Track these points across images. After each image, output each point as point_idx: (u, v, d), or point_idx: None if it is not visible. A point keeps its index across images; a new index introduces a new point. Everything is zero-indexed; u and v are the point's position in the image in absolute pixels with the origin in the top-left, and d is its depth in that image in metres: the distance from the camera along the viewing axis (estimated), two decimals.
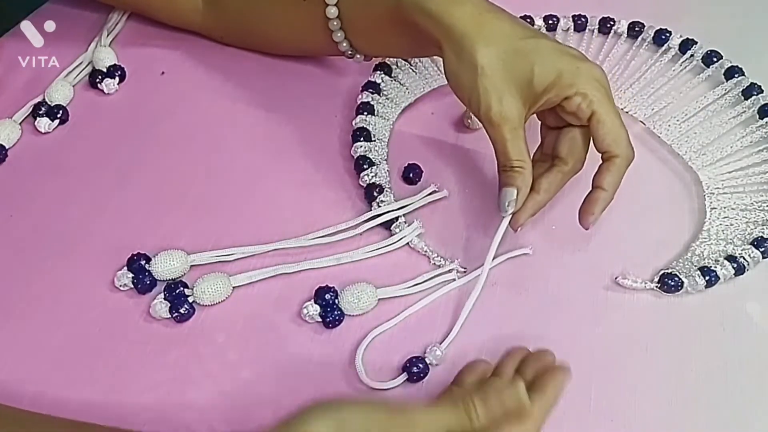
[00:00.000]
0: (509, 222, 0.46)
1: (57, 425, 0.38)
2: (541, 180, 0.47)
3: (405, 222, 0.51)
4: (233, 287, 0.47)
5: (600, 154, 0.46)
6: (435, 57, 0.59)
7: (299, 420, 0.35)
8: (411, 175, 0.53)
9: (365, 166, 0.53)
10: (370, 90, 0.57)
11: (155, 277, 0.47)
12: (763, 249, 0.49)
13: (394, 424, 0.35)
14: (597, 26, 0.63)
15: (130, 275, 0.47)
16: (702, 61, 0.61)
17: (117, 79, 0.59)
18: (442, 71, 0.47)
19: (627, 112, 0.58)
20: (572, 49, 0.46)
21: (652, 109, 0.58)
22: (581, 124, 0.46)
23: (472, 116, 0.56)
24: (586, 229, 0.46)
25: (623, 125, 0.46)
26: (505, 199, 0.45)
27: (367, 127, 0.55)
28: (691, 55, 0.61)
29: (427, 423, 0.36)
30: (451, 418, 0.37)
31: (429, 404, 0.39)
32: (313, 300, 0.47)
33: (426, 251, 0.50)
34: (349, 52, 0.54)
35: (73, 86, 0.59)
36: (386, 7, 0.48)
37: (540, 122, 0.50)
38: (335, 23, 0.52)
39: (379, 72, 0.58)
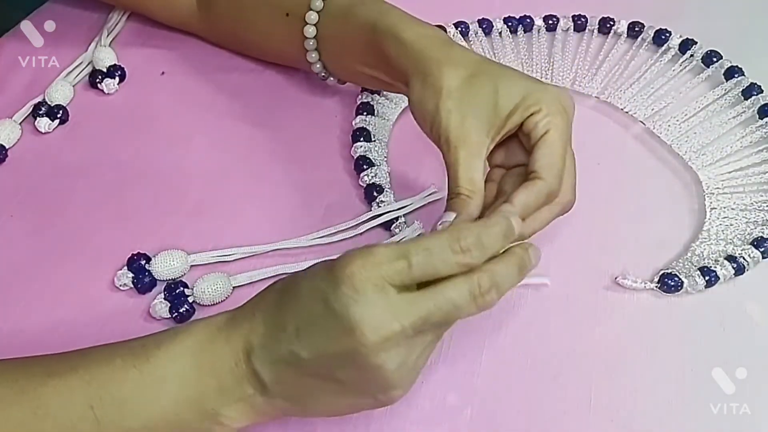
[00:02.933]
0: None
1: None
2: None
3: (405, 222, 0.51)
4: (233, 287, 0.47)
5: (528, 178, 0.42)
6: None
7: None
8: None
9: (365, 167, 0.53)
10: (370, 90, 0.57)
11: (155, 277, 0.47)
12: (763, 249, 0.49)
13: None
14: (597, 26, 0.63)
15: (130, 275, 0.47)
16: (702, 61, 0.61)
17: (117, 79, 0.59)
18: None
19: (627, 112, 0.58)
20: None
21: (652, 109, 0.58)
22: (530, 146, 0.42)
23: None
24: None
25: (572, 167, 0.43)
26: (439, 221, 0.41)
27: (367, 127, 0.55)
28: (691, 55, 0.61)
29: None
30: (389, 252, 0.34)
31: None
32: None
33: None
34: (323, 74, 0.55)
35: (73, 86, 0.59)
36: (362, 32, 0.48)
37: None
38: (311, 43, 0.52)
39: None
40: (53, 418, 0.35)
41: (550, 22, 0.64)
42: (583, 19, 0.64)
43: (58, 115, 0.56)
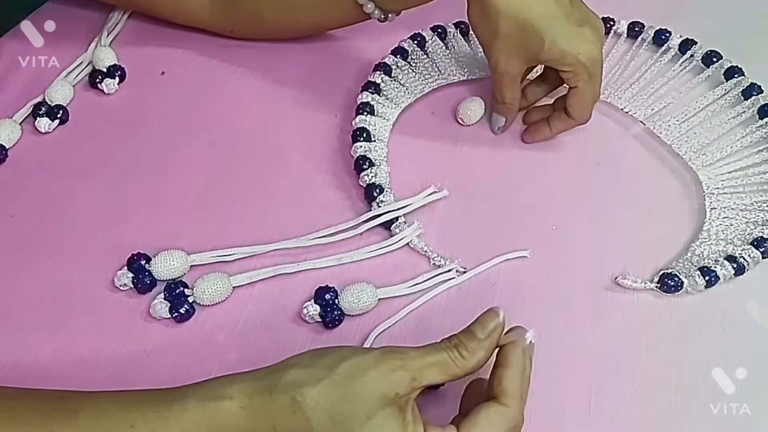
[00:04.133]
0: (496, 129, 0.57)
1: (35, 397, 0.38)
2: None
3: (405, 222, 0.51)
4: (233, 287, 0.47)
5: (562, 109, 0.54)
6: (437, 53, 0.59)
7: (289, 364, 0.37)
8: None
9: (365, 166, 0.53)
10: (370, 90, 0.57)
11: (155, 277, 0.47)
12: (763, 249, 0.49)
13: (386, 359, 0.36)
14: None
15: (130, 275, 0.47)
16: (702, 61, 0.61)
17: (117, 79, 0.59)
18: (442, 71, 0.46)
19: (627, 112, 0.58)
20: (584, 18, 0.52)
21: (652, 109, 0.58)
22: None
23: (466, 113, 0.57)
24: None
25: (593, 100, 0.53)
26: (496, 123, 0.57)
27: (367, 127, 0.55)
28: (691, 55, 0.61)
29: (417, 359, 0.37)
30: (444, 358, 0.37)
31: (417, 347, 0.38)
32: (313, 300, 0.47)
33: (426, 251, 0.50)
34: (375, 12, 0.54)
35: (73, 86, 0.59)
36: None
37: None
38: None
39: (379, 72, 0.58)
40: None
41: None
42: None
43: (58, 115, 0.56)
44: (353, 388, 0.35)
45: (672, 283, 0.47)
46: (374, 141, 0.55)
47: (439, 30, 0.61)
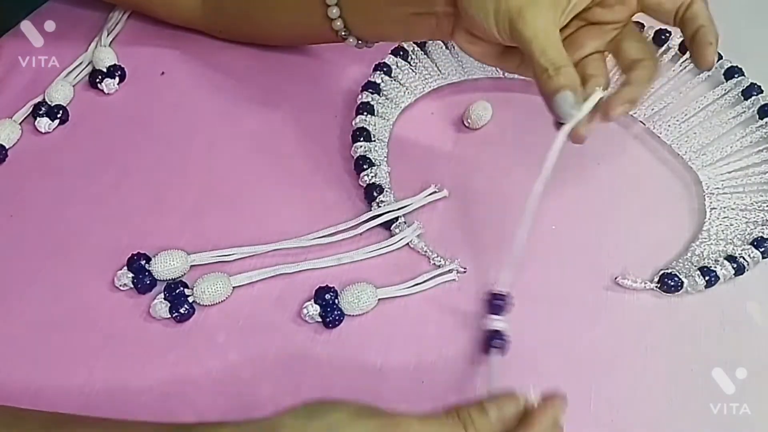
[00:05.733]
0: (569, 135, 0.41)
1: (55, 420, 0.38)
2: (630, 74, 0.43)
3: (405, 222, 0.51)
4: (233, 287, 0.47)
5: (678, 21, 0.45)
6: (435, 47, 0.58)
7: (289, 416, 0.34)
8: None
9: (365, 166, 0.53)
10: (370, 90, 0.57)
11: (155, 277, 0.47)
12: (763, 249, 0.49)
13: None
14: None
15: (130, 275, 0.47)
16: None
17: (117, 79, 0.59)
18: (442, 71, 0.45)
19: (627, 112, 0.58)
20: None
21: (652, 109, 0.58)
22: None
23: (472, 116, 0.56)
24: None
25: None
26: (563, 105, 0.39)
27: (367, 127, 0.55)
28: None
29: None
30: (445, 429, 0.35)
31: (423, 414, 0.36)
32: (313, 300, 0.47)
33: (426, 251, 0.50)
34: (343, 33, 0.52)
35: (73, 86, 0.59)
36: None
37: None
38: None
39: (379, 72, 0.58)
40: None
41: None
42: None
43: (58, 115, 0.56)
44: None
45: (672, 283, 0.47)
46: (374, 141, 0.55)
47: None
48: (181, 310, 0.46)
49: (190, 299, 0.46)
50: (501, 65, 0.48)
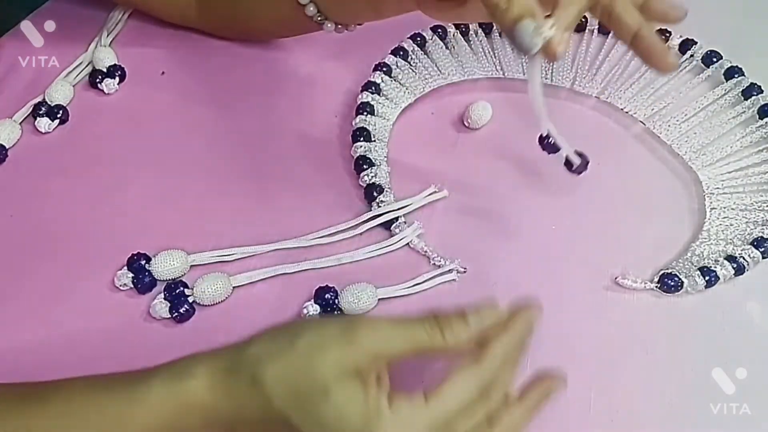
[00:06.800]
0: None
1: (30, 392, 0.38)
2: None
3: (405, 222, 0.51)
4: (233, 287, 0.47)
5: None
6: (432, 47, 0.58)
7: (251, 342, 0.36)
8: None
9: (365, 166, 0.53)
10: (370, 90, 0.57)
11: (155, 277, 0.47)
12: (763, 249, 0.49)
13: (350, 331, 0.34)
14: (597, 26, 0.63)
15: (130, 275, 0.47)
16: (702, 61, 0.61)
17: (117, 79, 0.59)
18: (442, 71, 0.43)
19: (627, 112, 0.58)
20: None
21: (652, 109, 0.58)
22: None
23: (472, 116, 0.56)
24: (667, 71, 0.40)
25: None
26: (524, 36, 0.36)
27: (367, 127, 0.55)
28: (691, 55, 0.61)
29: (386, 331, 0.35)
30: (419, 332, 0.35)
31: (395, 316, 0.36)
32: (313, 300, 0.47)
33: (426, 251, 0.50)
34: (318, 18, 0.52)
35: (73, 86, 0.59)
36: None
37: None
38: None
39: (379, 72, 0.58)
40: None
41: None
42: (583, 19, 0.64)
43: (58, 115, 0.56)
44: (312, 363, 0.34)
45: (672, 283, 0.47)
46: (374, 141, 0.55)
47: (439, 30, 0.61)
48: (181, 310, 0.46)
49: (190, 299, 0.46)
50: (473, 18, 0.46)
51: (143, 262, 0.48)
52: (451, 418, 0.34)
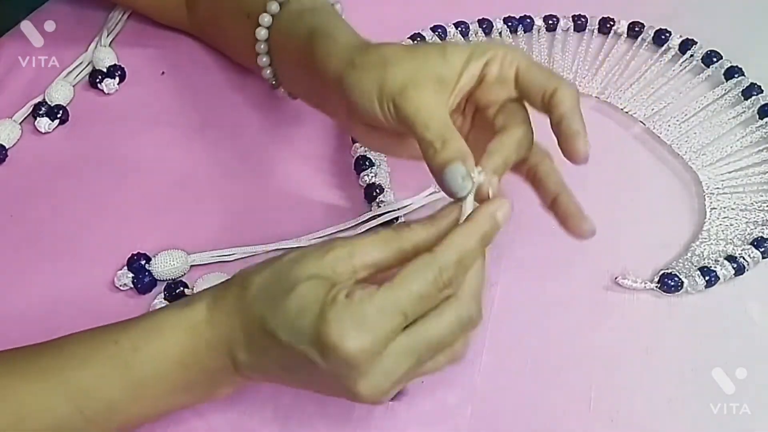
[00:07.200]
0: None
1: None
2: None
3: (405, 222, 0.51)
4: None
5: (544, 107, 0.40)
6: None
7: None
8: None
9: (365, 166, 0.53)
10: None
11: (155, 277, 0.47)
12: (763, 249, 0.49)
13: (329, 247, 0.36)
14: (597, 26, 0.63)
15: (130, 275, 0.47)
16: (702, 61, 0.61)
17: (117, 79, 0.59)
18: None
19: (627, 112, 0.58)
20: None
21: (652, 109, 0.58)
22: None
23: None
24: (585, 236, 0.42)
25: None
26: (455, 178, 0.37)
27: None
28: (691, 55, 0.61)
29: (359, 238, 0.37)
30: (382, 234, 0.37)
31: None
32: None
33: None
34: (273, 82, 0.52)
35: (73, 86, 0.59)
36: (304, 36, 0.46)
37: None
38: (262, 46, 0.50)
39: None
40: (38, 420, 0.36)
41: (550, 22, 0.64)
42: (583, 19, 0.64)
43: (58, 115, 0.56)
44: (291, 271, 0.36)
45: (672, 283, 0.47)
46: None
47: (439, 30, 0.61)
48: None
49: None
50: (401, 154, 0.45)
51: (143, 262, 0.48)
52: (403, 305, 0.34)
